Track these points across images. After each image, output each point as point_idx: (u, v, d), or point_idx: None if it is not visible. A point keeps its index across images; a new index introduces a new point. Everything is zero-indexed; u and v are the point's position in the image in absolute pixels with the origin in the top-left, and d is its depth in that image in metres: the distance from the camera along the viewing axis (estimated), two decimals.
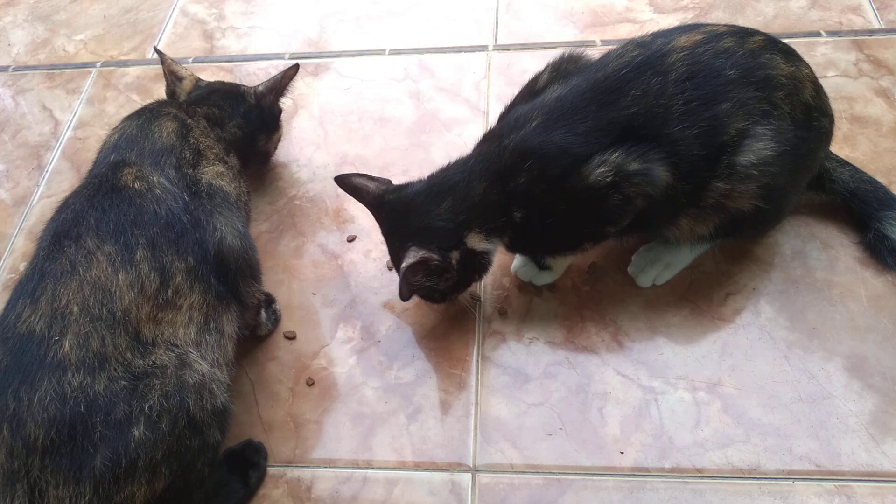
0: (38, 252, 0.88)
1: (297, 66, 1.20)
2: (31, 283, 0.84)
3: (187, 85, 1.18)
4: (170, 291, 0.86)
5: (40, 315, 0.81)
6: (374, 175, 1.06)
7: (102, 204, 0.88)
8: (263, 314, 1.07)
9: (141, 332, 0.83)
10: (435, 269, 0.96)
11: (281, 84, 1.19)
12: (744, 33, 0.96)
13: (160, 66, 1.21)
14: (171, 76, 1.19)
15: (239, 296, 0.94)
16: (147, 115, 1.02)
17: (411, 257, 0.94)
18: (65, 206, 0.92)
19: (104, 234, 0.86)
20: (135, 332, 0.82)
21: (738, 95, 0.90)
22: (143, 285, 0.84)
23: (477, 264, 1.00)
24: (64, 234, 0.87)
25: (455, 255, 0.96)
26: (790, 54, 0.97)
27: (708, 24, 0.99)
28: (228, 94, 1.16)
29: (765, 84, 0.92)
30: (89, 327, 0.80)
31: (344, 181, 1.05)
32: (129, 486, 0.77)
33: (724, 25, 0.98)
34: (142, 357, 0.81)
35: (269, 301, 1.11)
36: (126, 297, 0.83)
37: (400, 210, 0.99)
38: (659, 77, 0.91)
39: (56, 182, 1.35)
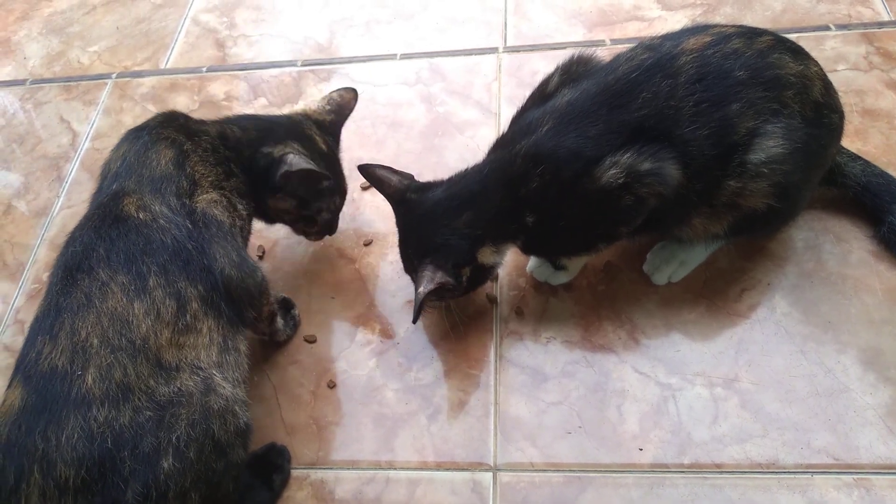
0: (51, 287, 0.88)
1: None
2: (48, 320, 0.84)
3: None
4: (188, 316, 0.86)
5: (61, 350, 0.81)
6: (396, 169, 1.06)
7: (110, 234, 0.88)
8: (280, 322, 1.08)
9: (163, 357, 0.83)
10: (447, 289, 0.98)
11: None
12: (752, 34, 0.96)
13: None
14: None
15: (244, 319, 0.95)
16: (146, 140, 0.98)
17: (429, 281, 0.95)
18: (72, 239, 0.91)
19: (116, 264, 0.86)
20: (156, 359, 0.83)
21: (748, 95, 0.91)
22: (159, 311, 0.85)
23: (483, 276, 1.03)
24: (76, 267, 0.87)
25: (466, 271, 0.99)
26: (799, 53, 0.97)
27: (717, 25, 1.00)
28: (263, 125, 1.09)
29: (774, 83, 0.92)
30: (110, 358, 0.80)
31: (367, 170, 1.06)
32: None
33: (733, 26, 0.99)
34: (166, 383, 0.82)
35: (289, 306, 1.13)
36: (143, 325, 0.83)
37: (420, 214, 1.01)
38: (669, 79, 0.92)
39: (76, 193, 1.37)
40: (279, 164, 1.02)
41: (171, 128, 1.00)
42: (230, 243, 0.94)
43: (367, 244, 1.21)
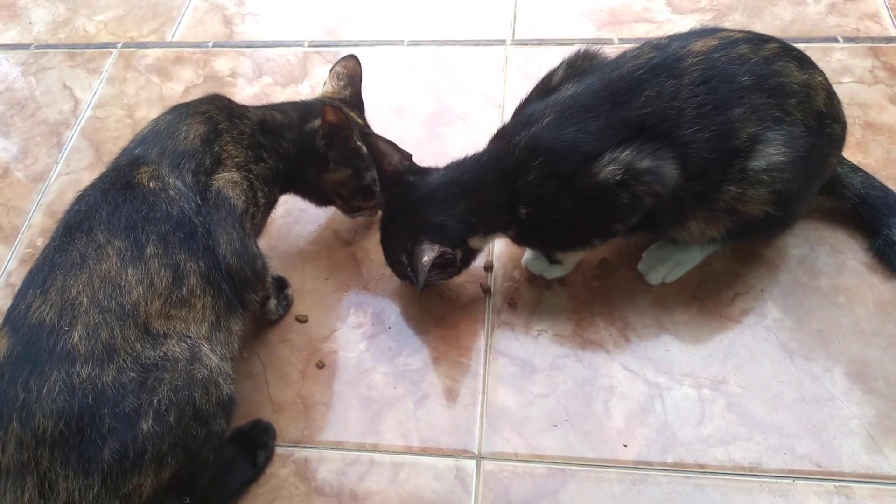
0: (50, 242, 0.89)
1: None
2: (41, 274, 0.84)
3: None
4: (185, 290, 0.86)
5: (50, 305, 0.81)
6: (398, 146, 1.05)
7: (115, 199, 0.88)
8: (272, 303, 1.08)
9: (151, 325, 0.83)
10: (444, 264, 0.98)
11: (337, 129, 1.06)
12: (759, 40, 0.96)
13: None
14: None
15: (243, 302, 0.96)
16: (182, 112, 0.99)
17: (431, 251, 0.95)
18: (80, 197, 0.92)
19: (115, 228, 0.86)
20: (144, 326, 0.83)
21: (751, 101, 0.91)
22: (152, 281, 0.84)
23: (469, 260, 1.04)
24: (76, 226, 0.87)
25: (458, 252, 0.99)
26: (804, 62, 0.98)
27: (725, 30, 1.00)
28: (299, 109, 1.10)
29: (778, 91, 0.93)
30: (98, 318, 0.81)
31: (369, 140, 1.04)
32: (137, 478, 0.78)
33: (741, 32, 0.99)
34: (152, 348, 0.82)
35: (283, 286, 1.12)
36: (135, 292, 0.83)
37: (417, 197, 1.00)
38: (673, 80, 0.92)
39: (75, 160, 1.36)
40: (320, 128, 1.04)
41: (213, 105, 1.00)
42: (236, 230, 0.93)
43: (365, 227, 1.21)
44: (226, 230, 0.92)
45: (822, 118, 0.96)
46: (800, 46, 1.37)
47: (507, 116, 1.07)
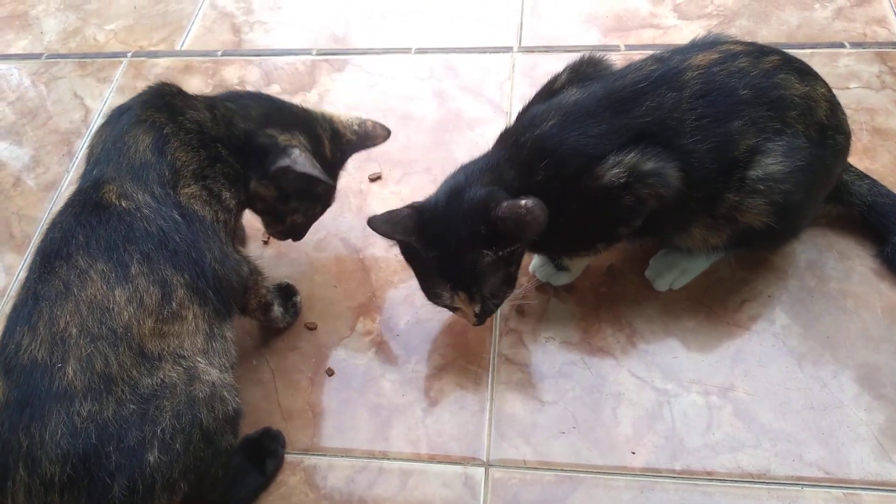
0: (29, 275, 0.86)
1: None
2: (26, 308, 0.82)
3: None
4: (174, 304, 0.85)
5: (40, 342, 0.79)
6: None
7: (90, 221, 0.85)
8: (278, 310, 1.07)
9: (146, 346, 0.81)
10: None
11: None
12: (760, 53, 0.97)
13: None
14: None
15: (230, 309, 0.94)
16: (123, 124, 0.93)
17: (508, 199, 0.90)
18: (53, 225, 0.88)
19: (95, 251, 0.83)
20: (139, 348, 0.81)
21: (751, 114, 0.92)
22: (142, 299, 0.83)
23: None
24: (54, 254, 0.84)
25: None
26: (806, 73, 0.98)
27: (727, 42, 1.00)
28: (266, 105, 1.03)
29: (778, 103, 0.93)
30: (91, 348, 0.79)
31: (374, 223, 0.95)
32: None
33: (742, 44, 0.99)
34: (149, 374, 0.80)
35: (291, 293, 1.13)
36: (125, 313, 0.81)
37: (444, 217, 0.94)
38: (674, 92, 0.93)
39: None
40: (280, 155, 0.96)
41: (152, 108, 0.94)
42: (212, 239, 0.91)
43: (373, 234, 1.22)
44: (205, 243, 0.90)
45: (825, 129, 0.96)
46: (806, 52, 1.39)
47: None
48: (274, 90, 1.46)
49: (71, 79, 1.54)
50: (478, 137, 1.32)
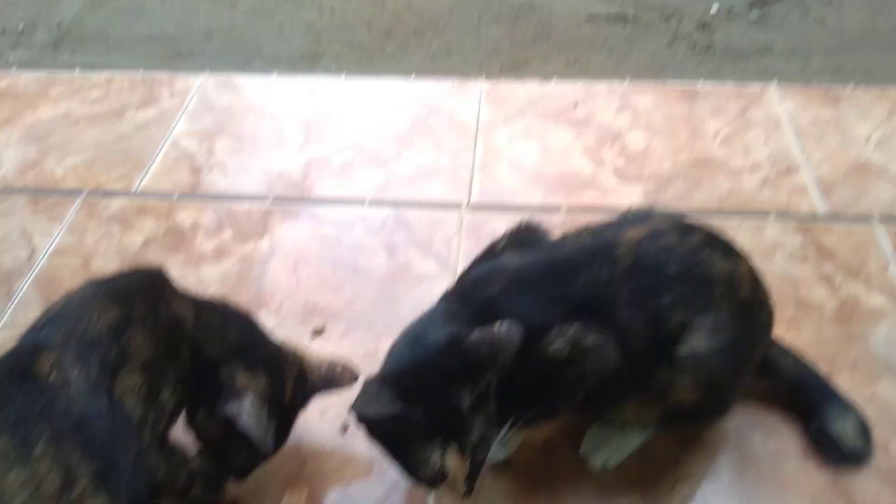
0: None
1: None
2: None
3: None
4: (74, 493, 0.78)
5: None
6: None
7: (10, 389, 0.81)
8: (199, 489, 1.00)
9: None
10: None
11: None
12: (686, 230, 1.03)
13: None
14: None
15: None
16: (100, 291, 0.92)
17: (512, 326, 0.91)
18: None
19: (2, 423, 0.78)
20: None
21: (678, 290, 0.97)
22: (39, 484, 0.76)
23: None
24: None
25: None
26: (728, 252, 1.03)
27: (656, 217, 1.07)
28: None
29: (703, 281, 0.98)
30: None
31: (360, 409, 0.92)
32: None
33: (670, 220, 1.05)
34: None
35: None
36: (18, 498, 0.75)
37: (420, 370, 0.94)
38: (608, 266, 0.98)
39: (22, 312, 1.35)
40: (232, 403, 0.94)
41: (137, 286, 0.94)
42: (132, 440, 0.87)
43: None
44: (122, 441, 0.85)
45: (748, 306, 1.01)
46: (735, 221, 1.47)
47: None
48: (227, 236, 1.48)
49: (22, 215, 1.55)
50: (424, 293, 1.35)
